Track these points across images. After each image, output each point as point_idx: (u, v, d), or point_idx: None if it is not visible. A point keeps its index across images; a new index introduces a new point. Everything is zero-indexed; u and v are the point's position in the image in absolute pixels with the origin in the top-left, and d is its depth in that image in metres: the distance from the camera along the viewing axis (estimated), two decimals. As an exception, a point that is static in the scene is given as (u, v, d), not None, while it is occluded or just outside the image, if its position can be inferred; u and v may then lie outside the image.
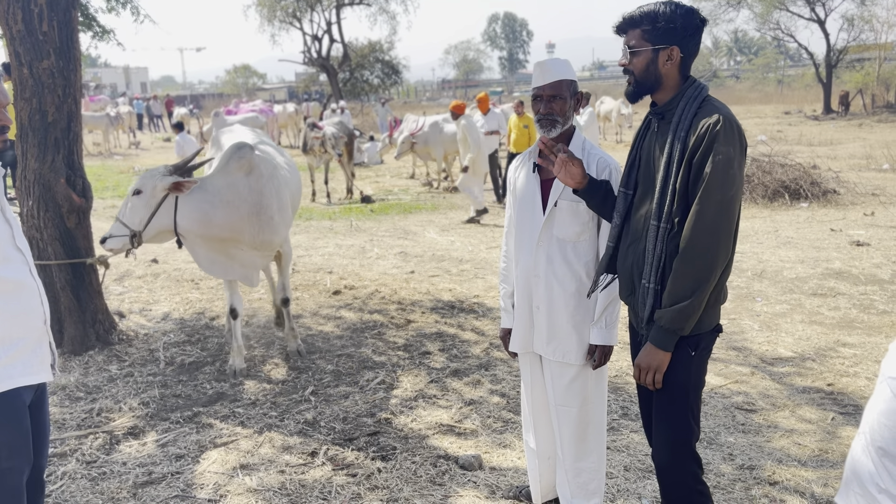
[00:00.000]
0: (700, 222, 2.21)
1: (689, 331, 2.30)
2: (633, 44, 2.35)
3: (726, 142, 2.19)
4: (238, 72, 64.99)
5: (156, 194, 4.28)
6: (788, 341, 5.27)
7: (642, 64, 2.35)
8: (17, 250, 2.22)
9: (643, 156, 2.46)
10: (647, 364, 2.36)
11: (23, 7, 4.63)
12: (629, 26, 2.37)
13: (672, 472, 2.44)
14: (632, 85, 2.40)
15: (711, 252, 2.21)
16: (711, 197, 2.19)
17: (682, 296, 2.25)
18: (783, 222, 9.66)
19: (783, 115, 30.42)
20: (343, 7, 30.43)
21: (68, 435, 3.94)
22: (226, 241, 4.56)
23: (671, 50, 2.31)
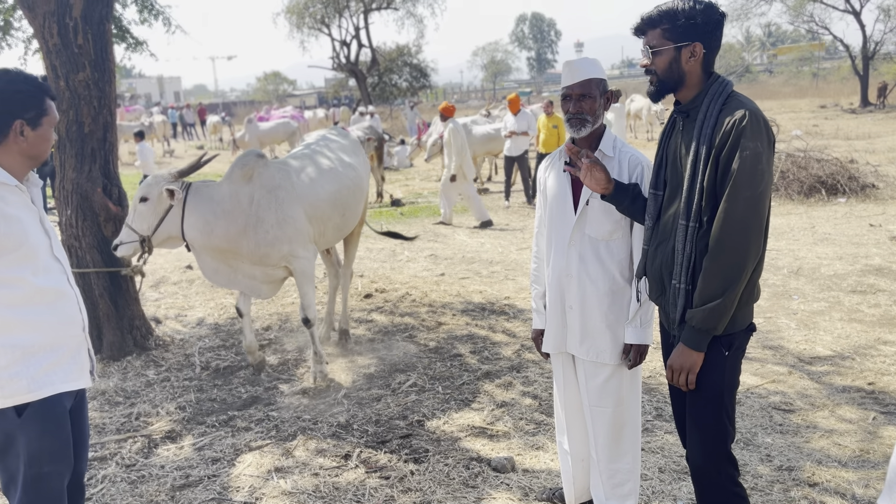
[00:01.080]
0: (729, 220, 2.18)
1: (721, 330, 2.27)
2: (654, 43, 2.33)
3: (753, 137, 2.16)
4: (268, 79, 65.73)
5: (162, 200, 4.32)
6: (827, 340, 5.17)
7: (665, 63, 2.33)
8: (56, 260, 2.28)
9: (670, 155, 2.44)
10: (680, 365, 2.33)
11: (58, 21, 4.75)
12: (648, 27, 2.35)
13: (707, 474, 2.41)
14: (654, 85, 2.38)
15: (741, 249, 2.18)
16: (740, 194, 2.16)
17: (713, 295, 2.22)
18: (820, 218, 9.47)
19: (819, 109, 29.82)
20: (370, 12, 30.61)
21: (108, 439, 4.02)
22: (226, 253, 4.52)
23: (694, 46, 2.29)
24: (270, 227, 4.45)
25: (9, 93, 2.17)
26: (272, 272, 4.68)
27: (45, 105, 2.23)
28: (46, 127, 2.25)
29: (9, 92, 2.17)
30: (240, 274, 4.65)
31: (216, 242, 4.44)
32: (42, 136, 2.24)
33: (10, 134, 2.18)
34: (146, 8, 6.80)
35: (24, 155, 2.22)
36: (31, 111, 2.19)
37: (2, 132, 2.18)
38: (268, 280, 4.74)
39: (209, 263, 4.60)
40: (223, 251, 4.51)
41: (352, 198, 4.93)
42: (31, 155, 2.23)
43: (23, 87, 2.18)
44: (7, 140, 2.18)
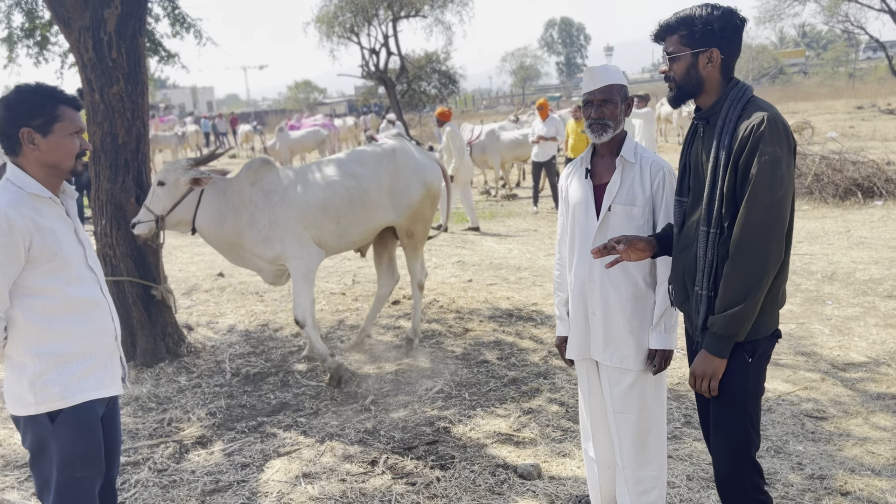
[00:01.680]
0: (748, 225, 2.17)
1: (744, 336, 2.25)
2: (671, 50, 2.34)
3: (772, 142, 2.15)
4: (299, 87, 66.49)
5: (178, 186, 4.69)
6: (861, 346, 5.07)
7: (682, 69, 2.33)
8: (90, 270, 2.34)
9: (692, 161, 2.43)
10: (702, 371, 2.32)
11: (93, 36, 4.87)
12: (666, 33, 2.35)
13: (732, 482, 2.39)
14: (673, 91, 2.38)
15: (762, 255, 2.17)
16: (759, 199, 2.15)
17: (734, 301, 2.21)
18: (856, 222, 9.29)
19: (855, 110, 29.25)
20: (399, 20, 30.76)
21: (141, 444, 4.11)
22: (234, 244, 4.92)
23: (711, 52, 2.28)
24: (262, 228, 4.81)
25: (16, 103, 2.23)
26: (276, 265, 5.01)
27: (56, 112, 2.25)
28: (59, 134, 2.26)
29: (16, 102, 2.23)
30: (249, 260, 5.03)
31: (225, 233, 4.85)
32: (56, 144, 2.25)
33: (22, 143, 2.23)
34: (178, 21, 6.95)
35: (41, 164, 2.26)
36: (37, 119, 2.22)
37: (15, 142, 2.24)
38: (274, 271, 5.07)
39: (222, 247, 5.01)
40: (231, 243, 4.91)
41: (347, 206, 4.98)
42: (49, 163, 2.27)
43: (30, 97, 2.23)
44: (22, 150, 2.24)
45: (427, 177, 5.28)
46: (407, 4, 30.50)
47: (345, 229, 5.05)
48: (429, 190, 5.29)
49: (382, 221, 5.22)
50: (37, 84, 2.26)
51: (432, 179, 5.32)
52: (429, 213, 5.41)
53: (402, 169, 5.19)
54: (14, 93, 2.23)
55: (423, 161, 5.34)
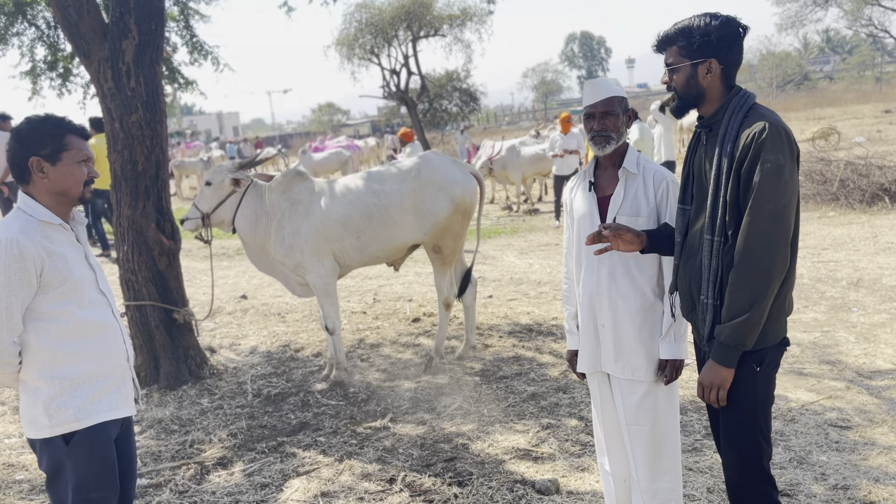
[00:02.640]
0: (752, 233, 2.16)
1: (751, 345, 2.23)
2: (671, 61, 2.35)
3: (774, 149, 2.14)
4: (323, 110, 67.35)
5: (224, 186, 5.15)
6: (888, 353, 4.97)
7: (682, 80, 2.34)
8: (101, 293, 2.40)
9: (695, 170, 2.43)
10: (710, 381, 2.30)
11: (112, 66, 5.00)
12: (666, 44, 2.37)
13: (744, 494, 2.36)
14: (675, 101, 2.40)
15: (767, 263, 2.16)
16: (763, 207, 2.14)
17: (740, 309, 2.19)
18: (883, 227, 9.13)
19: (883, 114, 28.79)
20: (419, 40, 31.05)
21: (163, 466, 4.15)
22: (263, 249, 5.26)
23: (709, 63, 2.29)
24: (286, 235, 5.09)
25: (25, 133, 2.31)
26: (298, 276, 5.25)
27: (64, 141, 2.32)
28: (67, 162, 2.33)
29: (25, 132, 2.31)
30: (276, 267, 5.34)
31: (257, 236, 5.22)
32: (64, 172, 2.32)
33: (32, 172, 2.31)
34: (196, 49, 7.11)
35: (50, 192, 2.33)
36: (46, 148, 2.30)
37: (25, 171, 2.31)
38: (299, 282, 5.32)
39: (254, 251, 5.35)
40: (261, 246, 5.26)
41: (367, 222, 5.09)
42: (58, 191, 2.34)
43: (39, 127, 2.31)
44: (32, 178, 2.31)
45: (455, 192, 5.19)
46: (426, 24, 30.79)
47: (366, 244, 5.15)
48: (458, 206, 5.20)
49: (407, 239, 5.25)
50: (46, 115, 2.34)
51: (462, 194, 5.22)
52: (459, 229, 5.29)
53: (426, 187, 5.15)
54: (24, 124, 2.31)
55: (452, 175, 5.24)
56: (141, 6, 4.98)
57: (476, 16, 30.08)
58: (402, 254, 5.46)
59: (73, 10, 5.01)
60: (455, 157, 6.28)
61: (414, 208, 5.14)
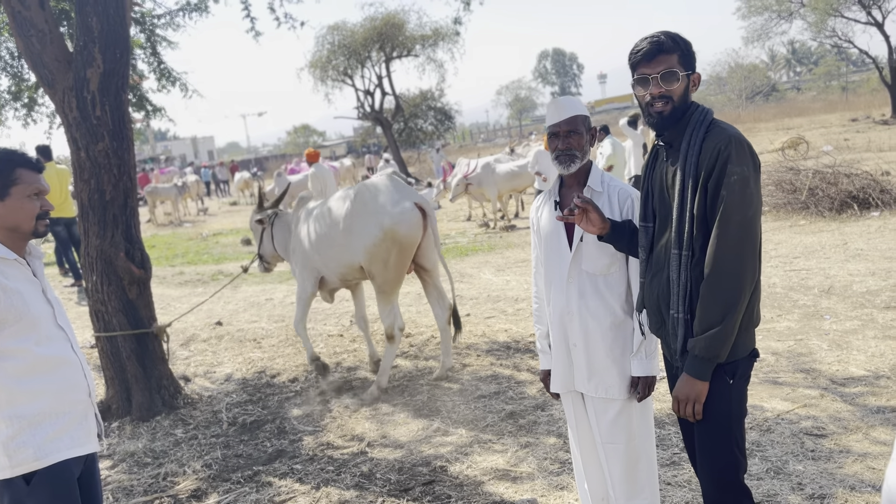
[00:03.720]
0: (722, 245, 2.18)
1: (724, 357, 2.24)
2: (670, 68, 2.26)
3: (739, 161, 2.17)
4: (298, 132, 67.30)
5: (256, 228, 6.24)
6: (860, 359, 5.01)
7: (681, 90, 2.31)
8: (59, 328, 2.34)
9: (656, 186, 2.43)
10: (686, 395, 2.30)
11: (76, 95, 4.95)
12: (664, 52, 2.27)
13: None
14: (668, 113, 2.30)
15: (738, 274, 2.18)
16: (731, 219, 2.17)
17: (713, 322, 2.21)
18: (852, 234, 9.26)
19: (850, 123, 29.36)
20: (392, 60, 31.21)
21: (135, 501, 4.06)
22: None
23: (696, 76, 2.34)
24: (291, 251, 5.87)
25: None
26: None
27: (13, 175, 2.28)
28: (17, 196, 2.29)
29: None
30: None
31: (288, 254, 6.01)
32: (14, 207, 2.28)
33: None
34: (164, 76, 7.07)
35: (2, 227, 2.28)
36: None
37: None
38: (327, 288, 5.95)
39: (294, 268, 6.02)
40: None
41: (319, 242, 5.49)
42: (9, 226, 2.29)
43: None
44: None
45: (384, 221, 5.05)
46: (399, 45, 30.98)
47: (327, 262, 5.52)
48: (386, 234, 5.04)
49: (353, 260, 5.31)
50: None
51: (391, 224, 5.05)
52: (388, 258, 5.11)
53: (359, 212, 5.17)
54: None
55: (383, 204, 5.12)
56: (105, 34, 4.94)
57: (448, 36, 30.30)
58: (362, 274, 5.43)
59: (36, 39, 4.96)
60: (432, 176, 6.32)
61: (348, 231, 5.23)
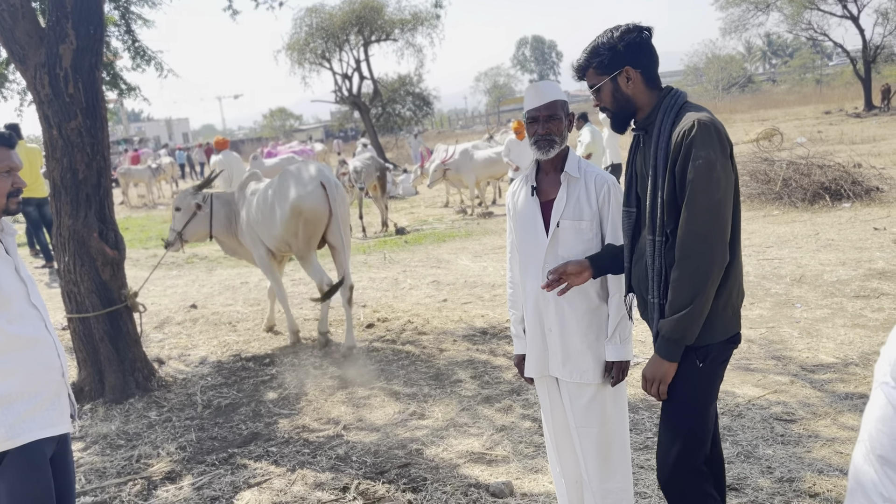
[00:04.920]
0: (689, 229, 2.20)
1: (692, 340, 2.26)
2: (592, 83, 2.42)
3: (704, 145, 2.18)
4: (274, 115, 66.59)
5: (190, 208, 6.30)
6: (830, 347, 5.11)
7: (609, 96, 2.39)
8: (33, 307, 2.31)
9: (637, 172, 2.45)
10: (652, 375, 2.34)
11: (49, 72, 4.85)
12: (583, 71, 2.43)
13: (672, 488, 2.38)
14: (611, 118, 2.45)
15: (705, 258, 2.19)
16: (697, 202, 2.18)
17: (681, 304, 2.23)
18: (824, 224, 9.41)
19: (823, 115, 29.75)
20: (370, 44, 30.99)
21: (108, 483, 4.03)
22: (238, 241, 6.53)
23: (626, 71, 2.35)
24: (242, 224, 6.32)
25: None
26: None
27: None
28: None
29: None
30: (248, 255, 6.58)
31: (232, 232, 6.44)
32: None
33: None
34: (138, 54, 6.95)
35: None
36: None
37: None
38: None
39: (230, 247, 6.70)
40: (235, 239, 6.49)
41: (255, 216, 6.10)
42: None
43: None
44: None
45: (292, 197, 5.82)
46: (377, 29, 30.75)
47: (263, 234, 6.11)
48: (293, 209, 5.80)
49: (279, 232, 5.98)
50: None
51: (299, 202, 5.79)
52: (297, 230, 5.89)
53: (278, 190, 5.94)
54: None
55: (294, 183, 5.89)
56: (79, 10, 4.84)
57: (427, 20, 30.13)
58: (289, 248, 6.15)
59: (8, 14, 4.84)
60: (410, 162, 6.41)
61: (273, 207, 5.96)
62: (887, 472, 1.44)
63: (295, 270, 9.61)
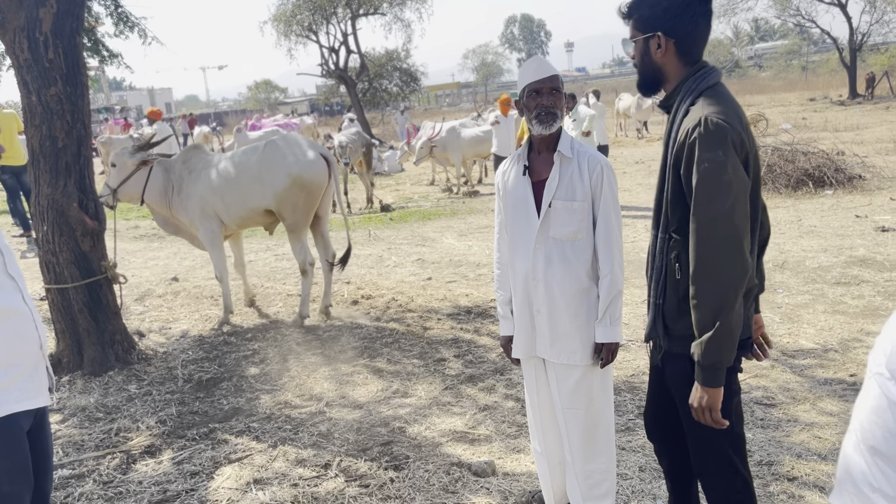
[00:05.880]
0: (700, 242, 2.02)
1: (730, 360, 2.07)
2: (630, 34, 2.24)
3: (709, 146, 1.98)
4: (260, 87, 65.78)
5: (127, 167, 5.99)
6: (810, 332, 5.16)
7: (639, 56, 2.23)
8: (10, 277, 2.25)
9: None
10: (699, 405, 2.13)
11: (28, 36, 4.72)
12: (627, 17, 2.24)
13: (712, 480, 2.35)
14: (638, 78, 2.28)
15: (722, 273, 1.99)
16: (703, 212, 2.00)
17: (704, 325, 2.03)
18: (807, 211, 9.47)
19: (808, 102, 29.90)
20: (358, 18, 30.61)
21: (86, 456, 3.99)
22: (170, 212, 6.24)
23: (657, 37, 2.16)
24: (184, 198, 6.02)
25: None
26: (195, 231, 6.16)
27: None
28: None
29: None
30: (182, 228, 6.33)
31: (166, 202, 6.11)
32: None
33: None
34: (121, 20, 6.79)
35: None
36: None
37: None
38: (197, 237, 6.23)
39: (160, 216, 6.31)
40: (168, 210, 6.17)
41: (227, 188, 5.90)
42: None
43: None
44: None
45: (292, 169, 5.79)
46: (365, 2, 30.37)
47: (229, 206, 5.96)
48: (294, 181, 5.78)
49: (258, 204, 5.94)
50: None
51: (299, 171, 5.80)
52: (297, 202, 5.86)
53: (268, 161, 5.85)
54: None
55: (293, 154, 5.85)
56: (60, -28, 4.70)
57: (416, -5, 29.78)
58: (265, 218, 6.15)
59: (-15, -26, 4.70)
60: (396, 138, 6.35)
61: (259, 178, 5.85)
62: (878, 464, 1.43)
63: (278, 245, 9.53)
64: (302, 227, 6.03)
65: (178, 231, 6.38)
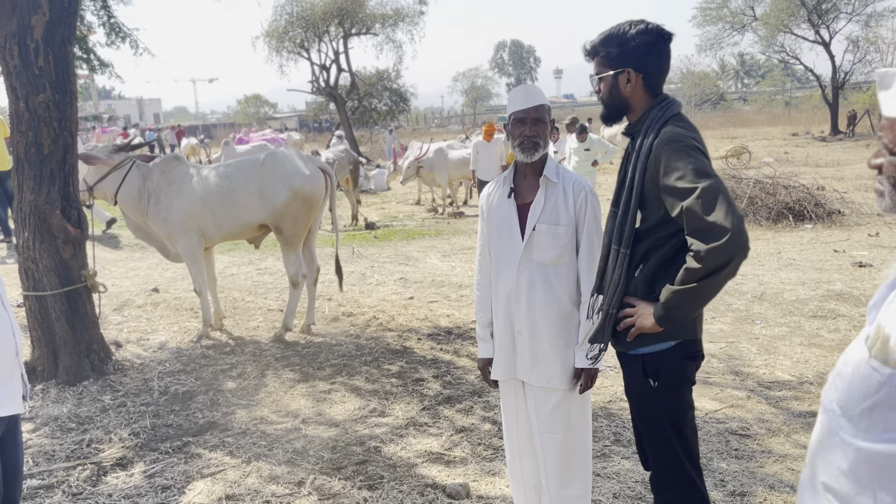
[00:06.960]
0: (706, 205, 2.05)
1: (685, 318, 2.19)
2: (596, 71, 2.37)
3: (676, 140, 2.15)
4: (249, 101, 65.72)
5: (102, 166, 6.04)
6: (787, 364, 5.21)
7: (606, 90, 2.35)
8: (-11, 283, 2.24)
9: (626, 176, 2.43)
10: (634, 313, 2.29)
11: (19, 42, 4.72)
12: (592, 55, 2.37)
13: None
14: (602, 110, 2.41)
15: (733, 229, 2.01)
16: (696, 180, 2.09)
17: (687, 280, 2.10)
18: (786, 244, 9.59)
19: (790, 137, 30.35)
20: (350, 37, 30.76)
21: (56, 467, 3.93)
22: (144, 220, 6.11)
23: (627, 73, 2.29)
24: (162, 210, 5.92)
25: None
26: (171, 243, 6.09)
27: None
28: None
29: None
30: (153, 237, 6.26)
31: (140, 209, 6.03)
32: None
33: None
34: (113, 30, 6.80)
35: None
36: None
37: None
38: (171, 248, 6.18)
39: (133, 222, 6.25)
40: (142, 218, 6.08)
41: (220, 202, 5.89)
42: None
43: None
44: None
45: (294, 182, 5.87)
46: (358, 22, 30.54)
47: (220, 221, 5.94)
48: (296, 194, 5.86)
49: (254, 219, 5.96)
50: None
51: (301, 185, 5.88)
52: (298, 215, 5.93)
53: (268, 176, 5.87)
54: None
55: (293, 168, 5.92)
56: (53, -20, 4.72)
57: (408, 16, 30.02)
58: (255, 232, 6.19)
59: (-22, -21, 4.70)
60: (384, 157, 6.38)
61: (258, 193, 5.86)
62: (829, 499, 1.45)
63: (261, 259, 9.50)
64: (299, 240, 6.09)
65: (148, 238, 6.35)
